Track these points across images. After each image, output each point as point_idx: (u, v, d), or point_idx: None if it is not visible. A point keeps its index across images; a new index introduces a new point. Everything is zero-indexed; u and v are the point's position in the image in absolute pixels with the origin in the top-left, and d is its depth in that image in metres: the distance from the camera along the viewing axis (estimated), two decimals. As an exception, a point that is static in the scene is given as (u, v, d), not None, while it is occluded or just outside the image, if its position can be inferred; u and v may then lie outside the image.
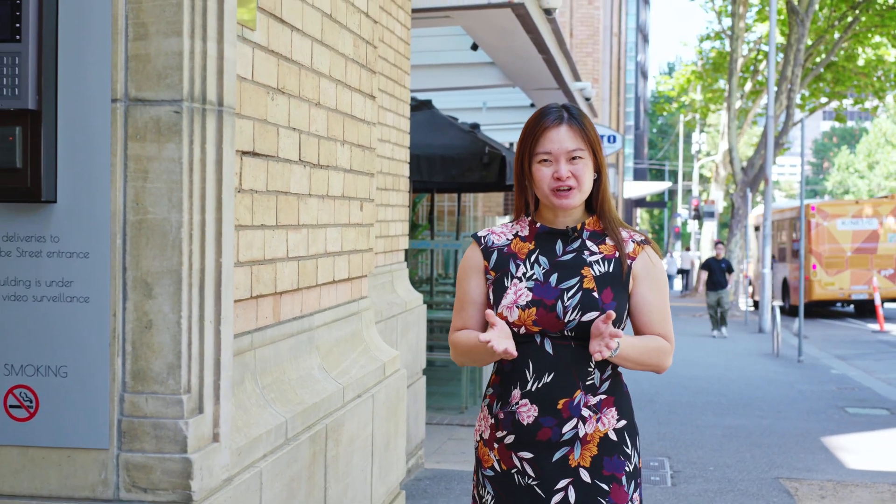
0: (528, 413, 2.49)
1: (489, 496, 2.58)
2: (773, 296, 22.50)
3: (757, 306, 23.69)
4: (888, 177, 64.93)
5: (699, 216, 36.92)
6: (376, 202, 5.13)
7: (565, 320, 2.46)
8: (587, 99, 14.83)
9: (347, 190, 3.93)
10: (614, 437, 2.52)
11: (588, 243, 2.58)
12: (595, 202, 2.62)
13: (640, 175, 58.74)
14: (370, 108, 4.25)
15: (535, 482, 2.50)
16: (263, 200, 3.04)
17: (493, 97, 15.10)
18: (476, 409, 8.58)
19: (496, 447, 2.56)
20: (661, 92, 59.51)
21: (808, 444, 7.73)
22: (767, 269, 19.18)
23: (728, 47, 29.05)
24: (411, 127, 6.60)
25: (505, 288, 2.54)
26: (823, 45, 26.99)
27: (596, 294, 2.48)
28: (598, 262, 2.55)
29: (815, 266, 22.18)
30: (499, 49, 10.02)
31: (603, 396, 2.52)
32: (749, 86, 30.25)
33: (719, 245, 18.20)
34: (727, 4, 30.18)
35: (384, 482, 4.20)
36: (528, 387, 2.49)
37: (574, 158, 2.53)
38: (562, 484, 2.49)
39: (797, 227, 23.31)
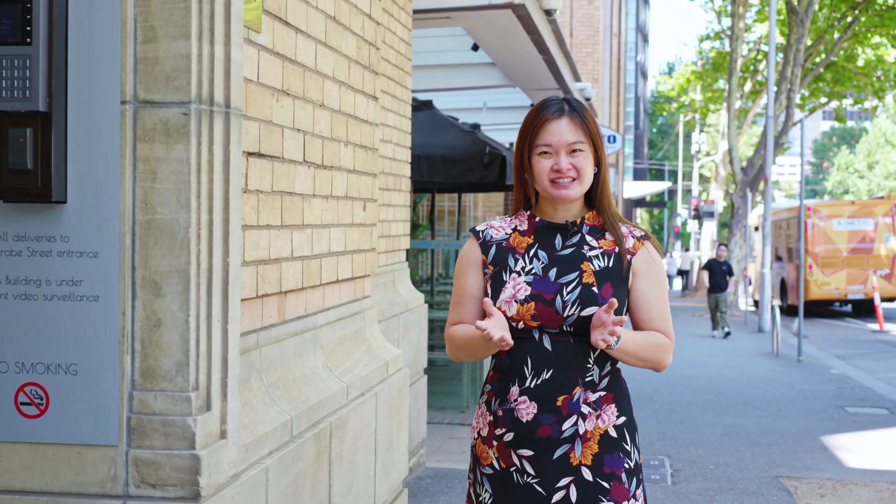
0: (528, 410, 2.46)
1: (487, 494, 2.55)
2: (771, 295, 22.57)
3: (757, 305, 23.72)
4: (888, 177, 64.93)
5: (699, 216, 36.92)
6: (378, 202, 5.16)
7: (564, 315, 2.43)
8: (587, 99, 14.91)
9: (351, 190, 3.96)
10: (614, 433, 2.50)
11: (587, 238, 2.55)
12: (595, 197, 2.59)
13: (640, 175, 58.76)
14: (373, 109, 4.28)
15: (536, 480, 2.47)
16: (269, 201, 3.07)
17: (493, 97, 15.15)
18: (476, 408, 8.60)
19: (495, 445, 2.52)
20: (661, 92, 59.53)
21: (807, 443, 7.77)
22: (767, 269, 19.22)
23: (728, 47, 29.08)
24: (412, 127, 6.63)
25: (503, 282, 2.50)
26: (823, 45, 27.03)
27: (595, 289, 2.46)
28: (597, 256, 2.52)
29: (811, 266, 22.24)
30: (499, 50, 10.06)
31: (602, 393, 2.49)
32: (749, 86, 30.28)
33: (722, 247, 18.09)
34: (727, 4, 30.20)
35: (387, 480, 4.24)
36: (527, 383, 2.46)
37: (574, 151, 2.50)
38: (563, 482, 2.46)
39: (794, 227, 23.40)
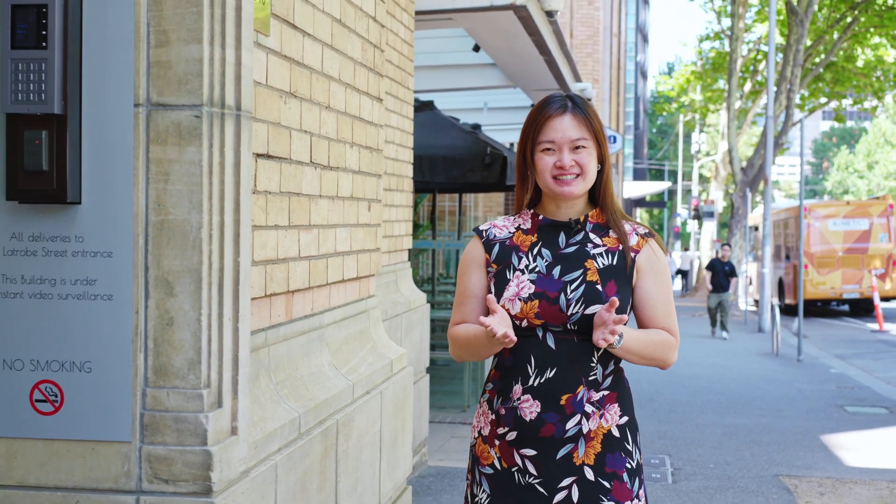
0: (531, 409, 2.44)
1: (484, 495, 2.53)
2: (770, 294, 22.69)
3: (758, 305, 23.81)
4: (888, 177, 64.96)
5: (699, 216, 36.94)
6: (382, 203, 5.20)
7: (568, 313, 2.42)
8: (588, 100, 14.93)
9: (356, 191, 4.01)
10: (617, 433, 2.49)
11: (591, 236, 2.54)
12: (598, 194, 2.57)
13: (640, 175, 58.80)
14: (378, 111, 4.33)
15: (538, 480, 2.46)
16: (277, 201, 3.12)
17: (494, 98, 15.19)
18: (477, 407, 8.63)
19: (497, 444, 2.51)
20: (661, 92, 59.60)
21: (807, 442, 7.81)
22: (767, 269, 19.27)
23: (727, 47, 29.14)
24: (413, 128, 6.67)
25: (507, 280, 2.49)
26: (823, 45, 27.10)
27: (599, 287, 2.44)
28: (601, 254, 2.50)
29: (806, 266, 22.35)
30: (500, 50, 10.11)
31: (605, 392, 2.48)
32: (748, 86, 30.34)
33: (725, 247, 18.03)
34: (727, 5, 30.26)
35: (391, 477, 4.28)
36: (530, 382, 2.44)
37: (577, 148, 2.48)
38: (566, 482, 2.45)
39: (791, 227, 23.55)
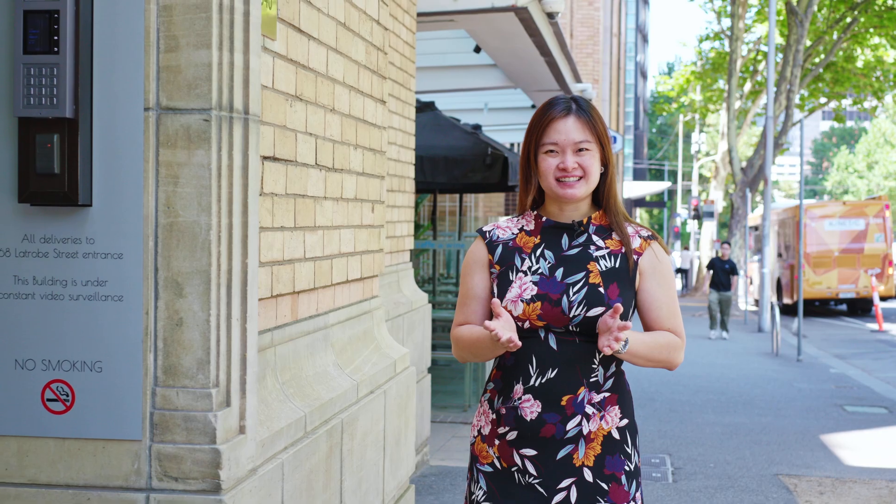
0: (532, 409, 2.45)
1: (481, 492, 2.54)
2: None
3: (758, 305, 23.86)
4: (887, 177, 65.01)
5: (699, 216, 36.97)
6: (385, 203, 5.24)
7: (570, 315, 2.42)
8: (589, 100, 14.97)
9: (360, 192, 4.05)
10: (617, 435, 2.50)
11: (594, 238, 2.54)
12: (601, 196, 2.58)
13: (640, 175, 58.82)
14: (381, 113, 4.37)
15: (537, 480, 2.47)
16: (283, 203, 3.16)
17: (494, 98, 15.23)
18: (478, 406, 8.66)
19: (497, 443, 2.52)
20: (661, 92, 59.65)
21: (807, 441, 7.85)
22: (767, 269, 19.31)
23: (727, 48, 29.19)
24: (415, 128, 6.71)
25: (510, 281, 2.50)
26: (822, 45, 27.14)
27: (602, 289, 2.45)
28: (604, 257, 2.51)
29: (802, 266, 22.45)
30: (501, 51, 10.14)
31: (607, 394, 2.49)
32: (748, 86, 30.38)
33: (725, 245, 17.93)
34: (726, 5, 30.31)
35: (395, 476, 4.32)
36: (531, 382, 2.45)
37: (581, 150, 2.50)
38: (565, 483, 2.46)
39: (788, 227, 23.65)
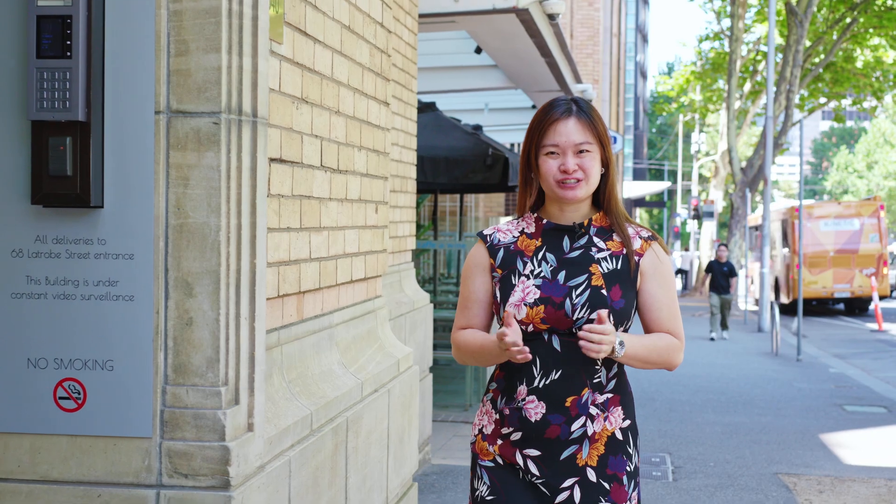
0: (536, 410, 2.47)
1: (484, 487, 2.55)
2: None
3: (758, 304, 23.93)
4: (887, 176, 65.05)
5: (698, 216, 37.01)
6: (388, 204, 5.28)
7: (574, 318, 2.44)
8: (589, 101, 15.01)
9: (364, 193, 4.09)
10: (620, 436, 2.52)
11: (595, 240, 2.55)
12: (602, 197, 2.59)
13: (640, 175, 58.90)
14: (384, 115, 4.42)
15: (540, 480, 2.50)
16: (289, 204, 3.20)
17: (495, 99, 15.27)
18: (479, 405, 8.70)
19: (499, 443, 2.54)
20: (661, 92, 59.71)
21: (806, 440, 7.90)
22: (767, 269, 19.36)
23: (727, 48, 29.23)
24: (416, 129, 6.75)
25: (512, 285, 2.51)
26: (822, 45, 27.19)
27: (605, 291, 2.47)
28: (605, 258, 2.52)
29: (798, 265, 22.58)
30: (502, 52, 10.18)
31: (609, 395, 2.51)
32: (748, 86, 30.42)
33: (722, 247, 17.55)
34: (726, 5, 30.35)
35: (398, 474, 4.37)
36: (535, 383, 2.47)
37: (581, 152, 2.50)
38: (568, 483, 2.48)
39: (786, 227, 23.76)
